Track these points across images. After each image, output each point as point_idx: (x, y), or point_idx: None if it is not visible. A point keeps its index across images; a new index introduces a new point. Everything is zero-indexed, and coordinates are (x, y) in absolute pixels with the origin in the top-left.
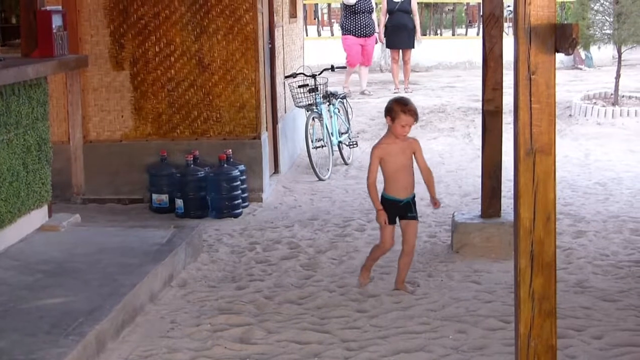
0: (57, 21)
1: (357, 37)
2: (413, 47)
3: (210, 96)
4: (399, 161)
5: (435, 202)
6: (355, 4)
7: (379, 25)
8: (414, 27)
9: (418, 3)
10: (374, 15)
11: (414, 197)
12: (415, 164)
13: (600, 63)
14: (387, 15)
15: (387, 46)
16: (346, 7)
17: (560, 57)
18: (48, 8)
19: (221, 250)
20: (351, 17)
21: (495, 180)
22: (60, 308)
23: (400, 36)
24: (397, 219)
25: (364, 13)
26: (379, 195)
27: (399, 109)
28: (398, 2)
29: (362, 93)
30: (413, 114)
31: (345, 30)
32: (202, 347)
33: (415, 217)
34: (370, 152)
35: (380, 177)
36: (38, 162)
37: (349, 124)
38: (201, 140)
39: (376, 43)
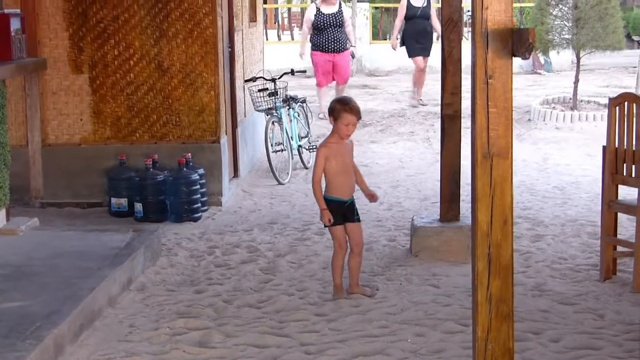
0: (15, 24)
1: (325, 52)
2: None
3: (169, 100)
4: (343, 162)
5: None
6: (319, 19)
7: (393, 31)
8: (432, 33)
9: (376, 8)
10: (349, 28)
11: (354, 198)
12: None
13: (559, 68)
14: (404, 21)
15: (411, 55)
16: (313, 22)
17: (519, 61)
18: (6, 11)
19: (180, 254)
20: (318, 32)
21: (454, 184)
22: (18, 312)
23: (424, 44)
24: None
25: (333, 27)
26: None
27: (341, 108)
28: (419, 7)
29: None
30: (356, 112)
31: (314, 46)
32: (161, 351)
33: (359, 219)
34: (317, 151)
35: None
36: None
37: (309, 128)
38: (160, 144)
39: (353, 58)
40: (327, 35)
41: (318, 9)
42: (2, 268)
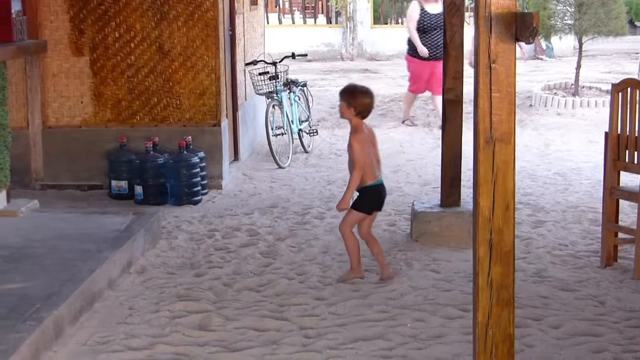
0: (16, 6)
1: (424, 60)
2: None
3: (170, 83)
4: None
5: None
6: (424, 20)
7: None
8: None
9: None
10: None
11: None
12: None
13: (561, 53)
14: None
15: None
16: (418, 22)
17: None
18: None
19: (180, 237)
20: (420, 36)
21: (455, 170)
22: (18, 293)
23: None
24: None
25: (437, 30)
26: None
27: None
28: None
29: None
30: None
31: (412, 51)
32: (160, 333)
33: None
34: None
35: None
36: None
37: (310, 112)
38: (161, 127)
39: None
40: (429, 40)
41: (422, 8)
42: (2, 250)
